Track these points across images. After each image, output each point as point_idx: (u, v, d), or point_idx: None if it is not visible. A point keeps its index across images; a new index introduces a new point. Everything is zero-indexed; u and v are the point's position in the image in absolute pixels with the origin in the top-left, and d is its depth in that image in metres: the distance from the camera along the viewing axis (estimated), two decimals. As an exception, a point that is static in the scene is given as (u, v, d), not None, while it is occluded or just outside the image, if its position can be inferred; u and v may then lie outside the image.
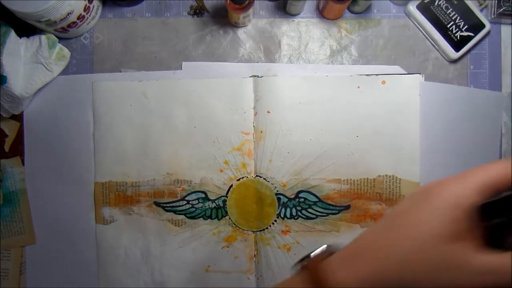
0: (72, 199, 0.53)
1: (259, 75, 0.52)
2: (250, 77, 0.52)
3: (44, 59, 0.50)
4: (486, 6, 0.53)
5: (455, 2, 0.51)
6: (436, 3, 0.51)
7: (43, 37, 0.50)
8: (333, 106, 0.51)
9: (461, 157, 0.52)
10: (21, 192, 0.53)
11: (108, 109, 0.52)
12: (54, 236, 0.53)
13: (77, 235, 0.53)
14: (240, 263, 0.52)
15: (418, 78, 0.51)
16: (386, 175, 0.51)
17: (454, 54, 0.52)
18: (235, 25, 0.53)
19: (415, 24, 0.53)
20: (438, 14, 0.52)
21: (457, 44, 0.51)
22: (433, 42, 0.53)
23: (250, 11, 0.50)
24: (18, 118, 0.53)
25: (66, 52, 0.52)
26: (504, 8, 0.50)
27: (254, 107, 0.52)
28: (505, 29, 0.53)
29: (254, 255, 0.52)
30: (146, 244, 0.52)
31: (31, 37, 0.50)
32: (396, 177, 0.51)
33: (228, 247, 0.52)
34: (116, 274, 0.52)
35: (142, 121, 0.52)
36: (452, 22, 0.51)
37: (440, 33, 0.52)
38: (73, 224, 0.53)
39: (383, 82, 0.51)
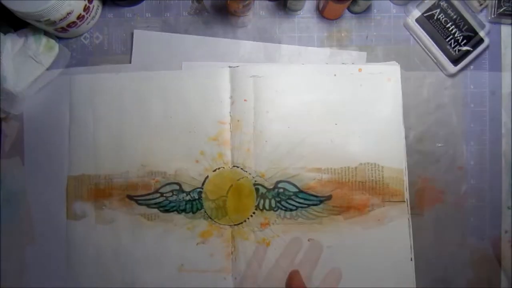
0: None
1: (236, 66, 0.51)
2: (226, 67, 0.51)
3: (32, 52, 0.50)
4: (486, 6, 0.53)
5: (454, 16, 0.51)
6: (435, 17, 0.51)
7: (28, 30, 0.50)
8: (310, 93, 0.51)
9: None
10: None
11: (84, 102, 0.52)
12: (54, 236, 0.52)
13: (52, 232, 0.52)
14: (216, 261, 0.50)
15: (395, 66, 0.51)
16: (368, 163, 0.50)
17: (452, 69, 0.52)
18: (235, 25, 0.53)
19: (414, 38, 0.53)
20: (437, 28, 0.52)
21: (455, 59, 0.51)
22: (432, 56, 0.53)
23: (250, 11, 0.50)
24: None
25: (54, 43, 0.51)
26: (504, 8, 0.50)
27: (231, 96, 0.51)
28: (505, 29, 0.53)
29: (231, 252, 0.50)
30: (117, 241, 0.51)
31: (17, 32, 0.50)
32: (378, 165, 0.50)
33: (203, 243, 0.50)
34: (86, 272, 0.51)
35: (118, 112, 0.51)
36: (451, 37, 0.51)
37: (439, 48, 0.52)
38: (49, 221, 0.52)
39: (360, 70, 0.51)
